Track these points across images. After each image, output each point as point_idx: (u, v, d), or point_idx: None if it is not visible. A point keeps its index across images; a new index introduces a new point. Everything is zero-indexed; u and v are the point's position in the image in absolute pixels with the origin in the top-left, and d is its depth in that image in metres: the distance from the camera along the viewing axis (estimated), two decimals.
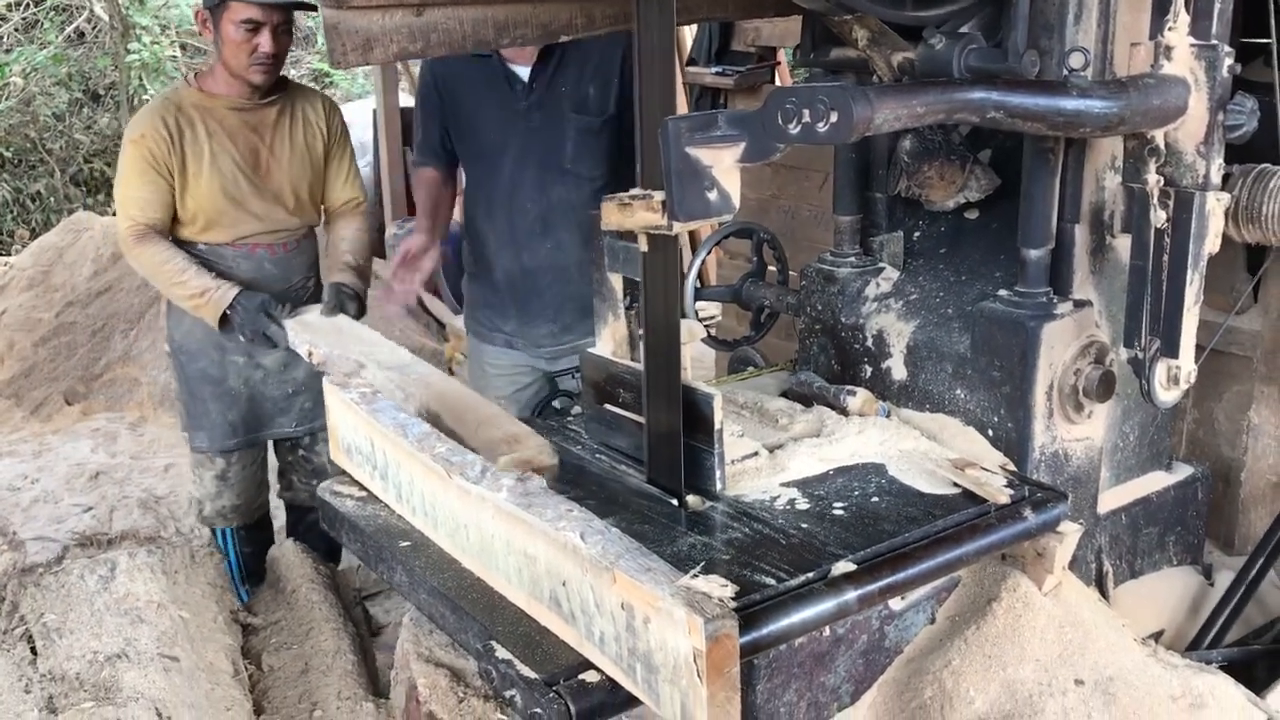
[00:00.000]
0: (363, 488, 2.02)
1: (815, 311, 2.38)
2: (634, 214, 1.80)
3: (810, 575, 1.67)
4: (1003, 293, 2.04)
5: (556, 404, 2.75)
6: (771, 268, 2.71)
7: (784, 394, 2.36)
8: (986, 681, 1.83)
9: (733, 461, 1.99)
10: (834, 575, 1.67)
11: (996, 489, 1.89)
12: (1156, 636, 2.23)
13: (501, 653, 1.52)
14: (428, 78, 3.06)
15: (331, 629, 2.10)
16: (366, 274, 3.14)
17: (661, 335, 1.90)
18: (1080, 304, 2.01)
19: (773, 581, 1.65)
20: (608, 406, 2.12)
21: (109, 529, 4.28)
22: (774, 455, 2.05)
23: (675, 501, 1.92)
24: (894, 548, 1.76)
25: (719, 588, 1.33)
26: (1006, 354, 1.99)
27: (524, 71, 2.88)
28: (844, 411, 2.19)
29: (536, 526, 1.51)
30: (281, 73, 2.97)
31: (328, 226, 3.21)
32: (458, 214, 6.72)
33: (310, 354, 2.57)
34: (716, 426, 1.90)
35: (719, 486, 1.93)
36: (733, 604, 1.32)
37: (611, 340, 2.13)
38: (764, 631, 1.57)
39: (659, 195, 1.73)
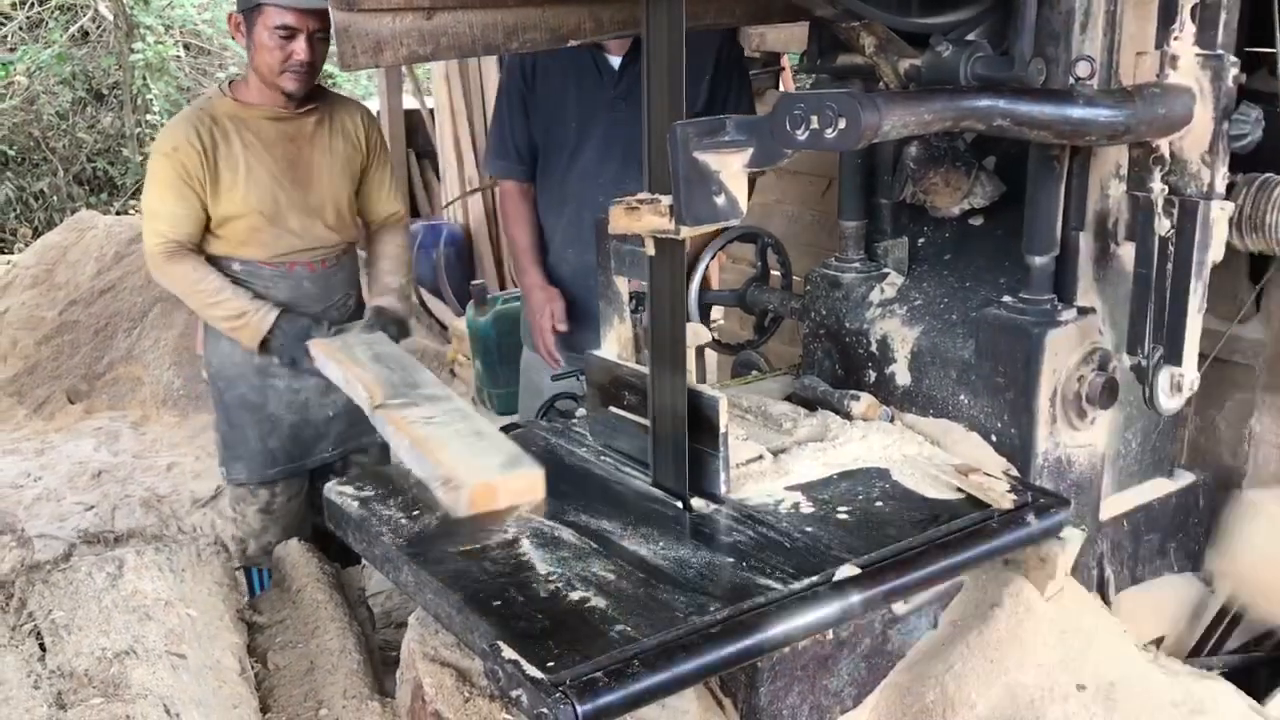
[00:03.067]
0: (364, 487, 2.03)
1: (819, 316, 2.39)
2: (641, 218, 1.81)
3: (815, 579, 1.68)
4: (1007, 299, 2.05)
5: (560, 405, 2.75)
6: (775, 272, 2.72)
7: (788, 398, 2.37)
8: (988, 686, 1.84)
9: (737, 465, 2.00)
10: (838, 579, 1.68)
11: (1000, 494, 1.90)
12: (1158, 643, 2.24)
13: (508, 653, 1.53)
14: (514, 66, 2.93)
15: (337, 628, 2.10)
16: (409, 293, 3.01)
17: (667, 339, 1.91)
18: (1084, 311, 2.02)
19: (778, 585, 1.66)
20: (613, 409, 2.13)
21: (112, 527, 4.29)
22: (778, 459, 2.06)
23: (680, 504, 1.93)
24: (898, 552, 1.77)
25: None
26: (1010, 360, 2.00)
27: (615, 61, 2.82)
28: (848, 416, 2.20)
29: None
30: (343, 83, 2.88)
31: (368, 243, 3.06)
32: (460, 214, 6.73)
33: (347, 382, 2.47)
34: (722, 430, 1.91)
35: (724, 490, 1.94)
36: None
37: (617, 343, 2.14)
38: (769, 634, 1.59)
39: (666, 200, 1.74)
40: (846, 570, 1.70)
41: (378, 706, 1.91)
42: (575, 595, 1.66)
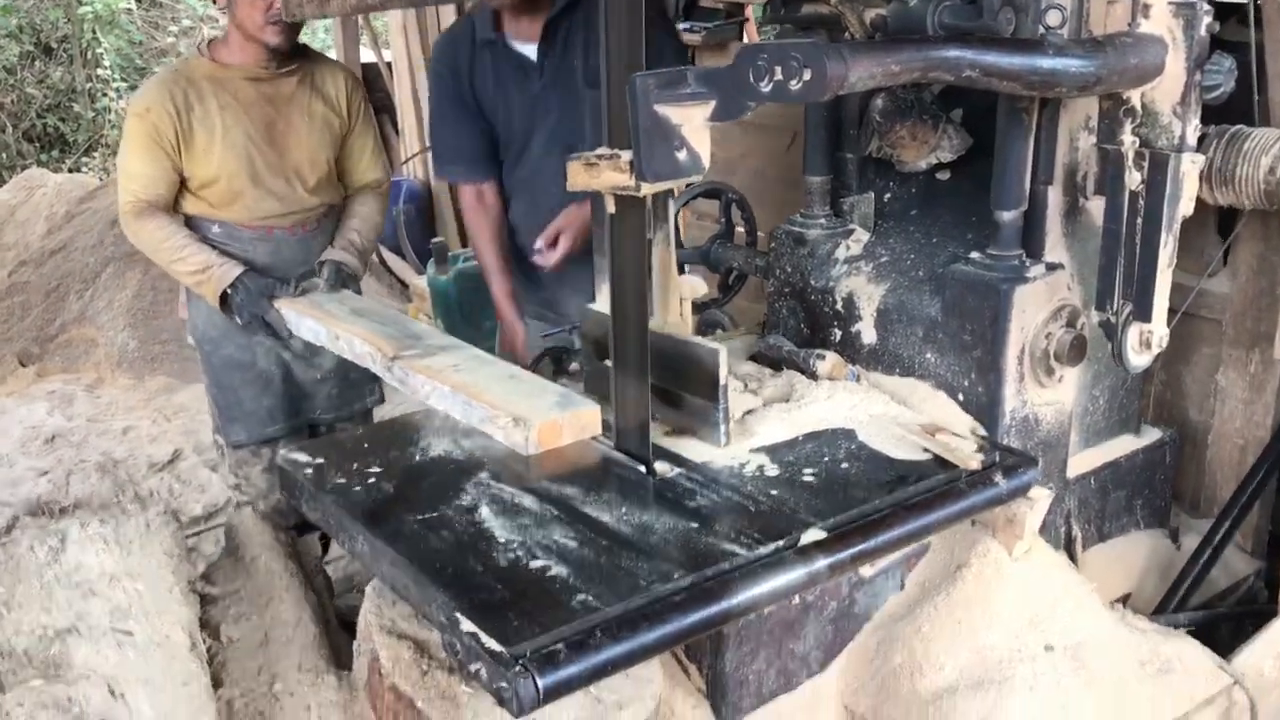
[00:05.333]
0: (317, 454, 1.97)
1: (785, 274, 2.34)
2: (600, 174, 1.75)
3: (780, 543, 1.65)
4: (974, 255, 2.01)
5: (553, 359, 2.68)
6: (740, 229, 2.67)
7: (753, 358, 2.33)
8: (956, 647, 1.82)
9: None
10: (804, 543, 1.65)
11: (967, 454, 1.87)
12: (1125, 600, 2.24)
13: (466, 625, 1.49)
14: (444, 73, 2.82)
15: (292, 598, 2.05)
16: (368, 256, 2.95)
17: (629, 298, 1.86)
18: (1052, 267, 1.98)
19: (742, 550, 1.63)
20: (608, 363, 2.07)
21: (65, 494, 4.19)
22: (743, 420, 2.02)
23: (643, 468, 1.89)
24: (864, 514, 1.74)
25: None
26: (978, 317, 1.96)
27: (530, 51, 2.75)
28: (813, 375, 2.16)
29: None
30: (300, 38, 2.77)
31: (345, 204, 2.99)
32: (419, 170, 6.61)
33: (337, 337, 2.44)
34: (721, 381, 1.88)
35: (723, 441, 1.92)
36: None
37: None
38: (734, 601, 1.55)
39: (626, 155, 1.68)
40: (812, 534, 1.67)
41: (334, 680, 1.87)
42: (536, 564, 1.62)
